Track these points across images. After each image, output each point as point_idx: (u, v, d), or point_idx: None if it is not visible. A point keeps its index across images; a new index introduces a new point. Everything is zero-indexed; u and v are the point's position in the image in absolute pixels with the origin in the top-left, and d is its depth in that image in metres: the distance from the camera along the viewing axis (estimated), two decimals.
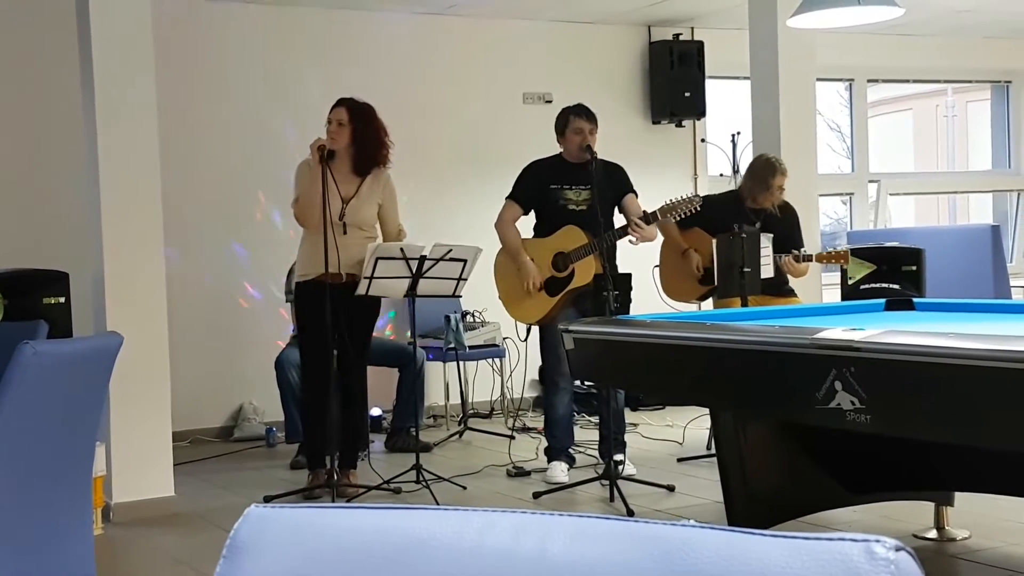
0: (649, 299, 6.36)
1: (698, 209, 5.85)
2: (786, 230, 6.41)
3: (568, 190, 6.08)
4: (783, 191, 6.45)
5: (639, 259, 6.26)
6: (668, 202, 5.83)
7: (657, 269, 6.63)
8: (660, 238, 6.51)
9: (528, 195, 6.21)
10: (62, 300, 5.85)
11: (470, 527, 0.84)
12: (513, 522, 0.83)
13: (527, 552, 0.81)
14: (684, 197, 5.83)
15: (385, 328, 8.31)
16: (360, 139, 5.84)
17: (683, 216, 5.89)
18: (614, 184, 6.10)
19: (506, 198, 6.27)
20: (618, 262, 6.08)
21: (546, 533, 0.81)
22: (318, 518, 0.89)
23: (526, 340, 6.27)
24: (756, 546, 0.74)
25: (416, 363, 7.11)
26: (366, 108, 5.92)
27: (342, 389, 5.86)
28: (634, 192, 6.14)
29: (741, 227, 6.09)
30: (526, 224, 6.30)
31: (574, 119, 6.08)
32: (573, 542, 0.80)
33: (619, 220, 6.11)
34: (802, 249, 6.37)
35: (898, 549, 0.72)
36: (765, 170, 6.43)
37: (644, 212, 5.90)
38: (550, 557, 0.80)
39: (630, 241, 5.92)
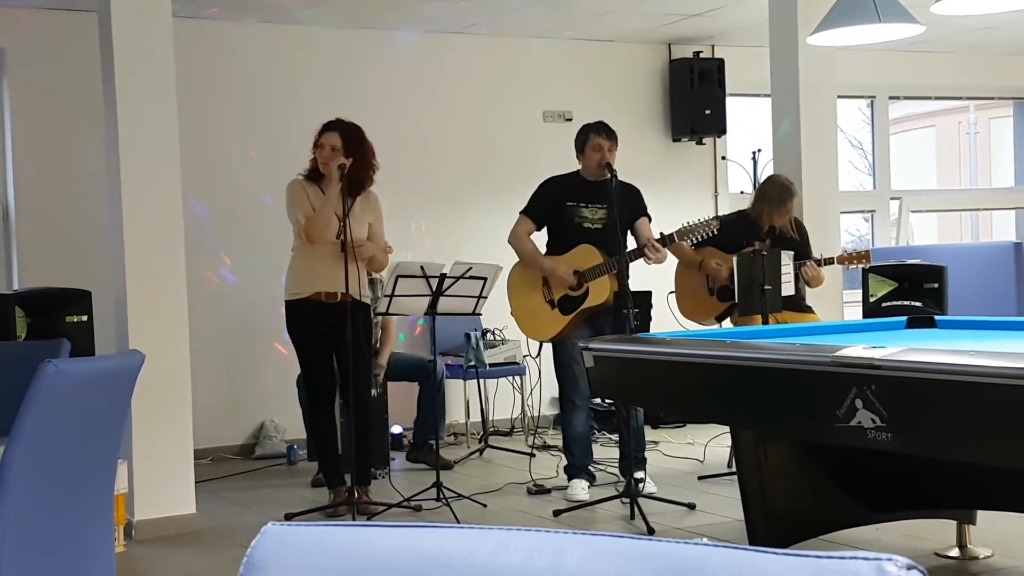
0: (666, 323, 6.35)
1: (715, 232, 5.85)
2: (799, 247, 6.39)
3: (584, 208, 6.08)
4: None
5: (654, 283, 6.25)
6: (685, 225, 5.82)
7: (672, 295, 6.63)
8: (674, 260, 6.53)
9: (543, 211, 6.21)
10: (84, 319, 5.89)
11: (485, 545, 0.84)
12: (527, 540, 0.84)
13: (541, 570, 0.81)
14: (702, 220, 5.82)
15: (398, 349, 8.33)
16: (354, 162, 5.82)
17: (701, 240, 5.88)
18: (630, 205, 6.09)
19: (520, 212, 6.27)
20: (631, 285, 6.07)
21: (560, 551, 0.82)
22: (334, 536, 0.89)
23: (538, 356, 6.26)
24: (768, 564, 0.74)
25: (436, 376, 7.11)
26: (356, 130, 5.90)
27: (349, 407, 5.86)
28: (648, 216, 6.13)
29: (762, 245, 6.09)
30: (538, 241, 6.30)
31: (594, 136, 6.08)
32: (586, 560, 0.80)
33: (630, 242, 6.10)
34: (821, 254, 6.37)
35: (909, 568, 0.72)
36: (783, 194, 6.43)
37: (661, 234, 5.89)
38: (563, 575, 0.80)
39: (645, 261, 5.92)
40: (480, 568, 0.83)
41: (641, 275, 6.15)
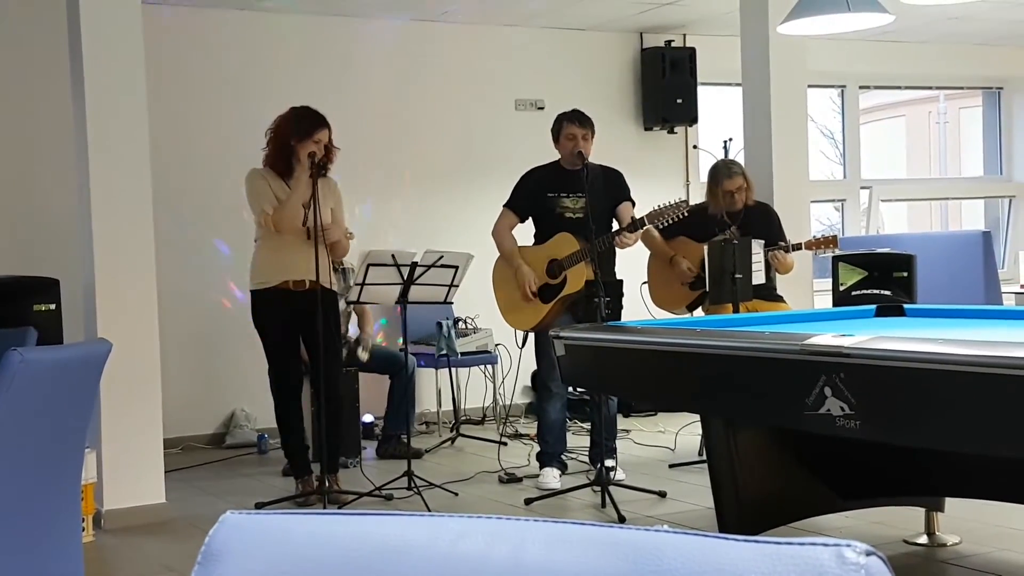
0: (639, 312, 6.36)
1: (686, 214, 5.85)
2: (762, 231, 6.35)
3: (565, 198, 6.09)
4: (742, 193, 6.40)
5: (628, 271, 6.26)
6: (655, 208, 5.85)
7: (645, 286, 6.64)
8: (647, 250, 6.54)
9: (525, 203, 6.22)
10: (53, 307, 5.84)
11: (445, 533, 0.84)
12: (488, 528, 0.83)
13: (501, 558, 0.81)
14: (671, 203, 5.84)
15: (377, 335, 8.29)
16: (325, 151, 5.84)
17: (671, 221, 5.89)
18: (611, 190, 6.11)
19: (503, 206, 6.28)
20: (615, 268, 6.10)
21: (520, 539, 0.81)
22: (293, 525, 0.89)
23: (523, 347, 6.27)
24: (728, 551, 0.74)
25: (407, 370, 7.10)
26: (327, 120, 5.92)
27: (319, 395, 5.83)
28: (631, 200, 6.14)
29: (732, 234, 6.11)
30: (526, 232, 6.30)
31: (567, 125, 6.09)
32: (547, 548, 0.80)
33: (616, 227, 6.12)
34: (789, 241, 6.37)
35: (868, 553, 0.72)
36: (711, 177, 6.49)
37: (632, 218, 5.92)
38: (524, 563, 0.80)
39: (617, 246, 5.94)
40: (440, 556, 0.83)
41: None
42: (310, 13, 8.14)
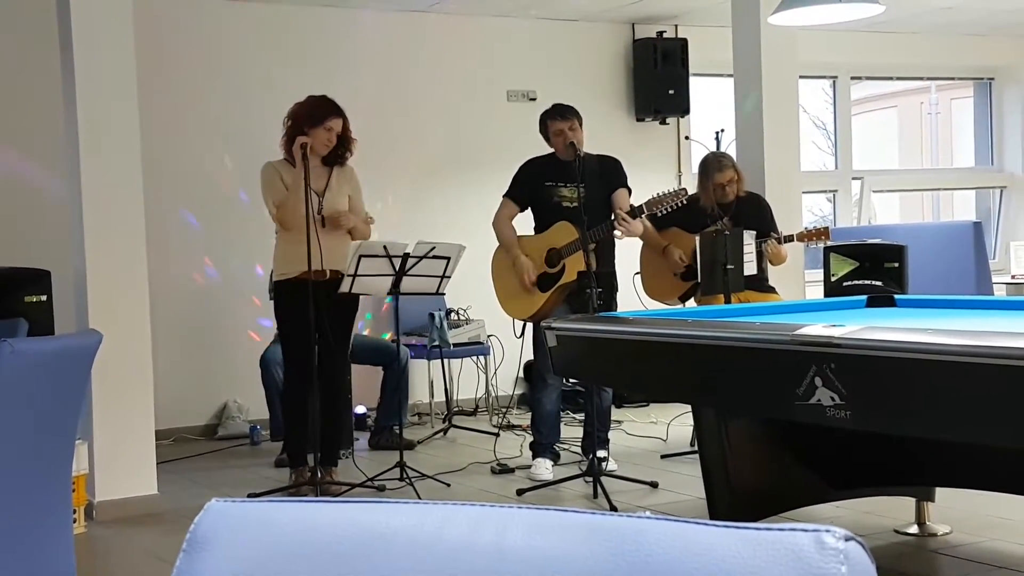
0: (632, 303, 6.38)
1: (684, 202, 5.86)
2: (753, 221, 6.36)
3: (563, 187, 6.09)
4: (732, 186, 6.41)
5: (621, 262, 6.27)
6: (655, 196, 5.85)
7: (639, 276, 6.65)
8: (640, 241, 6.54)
9: (524, 193, 6.23)
10: (44, 298, 5.83)
11: (429, 520, 0.84)
12: (472, 515, 0.84)
13: (485, 544, 0.81)
14: (671, 191, 5.85)
15: (363, 330, 8.29)
16: (341, 139, 5.85)
17: (670, 209, 5.89)
18: (608, 178, 6.11)
19: (503, 196, 6.29)
20: (614, 259, 6.11)
21: (504, 526, 0.82)
22: (278, 512, 0.89)
23: (521, 337, 6.26)
24: (709, 537, 0.75)
25: (400, 361, 7.10)
26: (343, 111, 5.92)
27: (324, 387, 5.83)
28: (627, 187, 6.14)
29: (724, 224, 6.12)
30: (527, 222, 6.30)
31: (551, 122, 6.11)
32: (530, 534, 0.80)
33: None
34: (781, 232, 6.38)
35: (848, 539, 0.73)
36: (702, 170, 6.51)
37: (631, 206, 5.92)
38: (507, 549, 0.80)
39: (615, 235, 5.93)
40: (424, 543, 0.83)
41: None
42: (299, 3, 8.12)
